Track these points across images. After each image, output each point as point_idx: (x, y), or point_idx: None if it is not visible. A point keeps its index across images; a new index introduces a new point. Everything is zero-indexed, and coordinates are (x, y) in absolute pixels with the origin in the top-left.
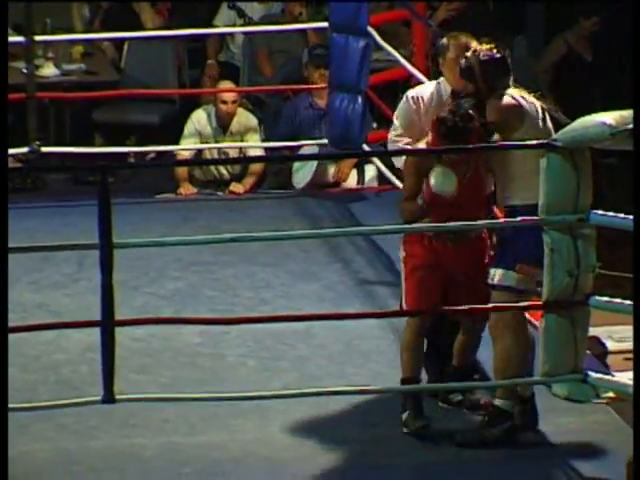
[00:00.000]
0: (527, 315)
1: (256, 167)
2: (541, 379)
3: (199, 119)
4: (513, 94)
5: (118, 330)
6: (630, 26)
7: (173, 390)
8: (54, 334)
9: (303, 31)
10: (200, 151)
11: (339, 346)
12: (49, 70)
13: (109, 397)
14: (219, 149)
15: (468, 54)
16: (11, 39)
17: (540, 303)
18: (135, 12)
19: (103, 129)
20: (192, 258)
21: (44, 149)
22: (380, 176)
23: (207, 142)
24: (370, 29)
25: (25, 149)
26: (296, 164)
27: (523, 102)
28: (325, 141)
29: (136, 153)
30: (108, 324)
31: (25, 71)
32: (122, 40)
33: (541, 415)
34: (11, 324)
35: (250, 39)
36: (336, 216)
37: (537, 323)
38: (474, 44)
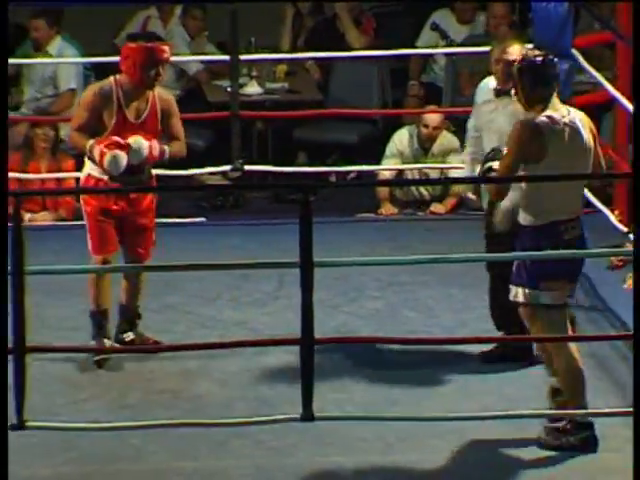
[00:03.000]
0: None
1: (457, 188)
2: None
3: (401, 139)
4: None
5: (316, 348)
6: None
7: (370, 409)
8: (253, 351)
9: None
10: (401, 171)
11: (536, 369)
12: (252, 88)
13: (308, 414)
14: (420, 169)
15: (518, 58)
16: (216, 57)
17: None
18: (339, 31)
19: (304, 148)
20: (391, 278)
21: (246, 167)
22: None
23: (408, 162)
24: (574, 51)
25: (228, 167)
26: None
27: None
28: None
29: (337, 172)
30: (307, 342)
31: (229, 89)
32: (326, 60)
33: None
34: (211, 340)
35: (453, 60)
36: None
37: None
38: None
